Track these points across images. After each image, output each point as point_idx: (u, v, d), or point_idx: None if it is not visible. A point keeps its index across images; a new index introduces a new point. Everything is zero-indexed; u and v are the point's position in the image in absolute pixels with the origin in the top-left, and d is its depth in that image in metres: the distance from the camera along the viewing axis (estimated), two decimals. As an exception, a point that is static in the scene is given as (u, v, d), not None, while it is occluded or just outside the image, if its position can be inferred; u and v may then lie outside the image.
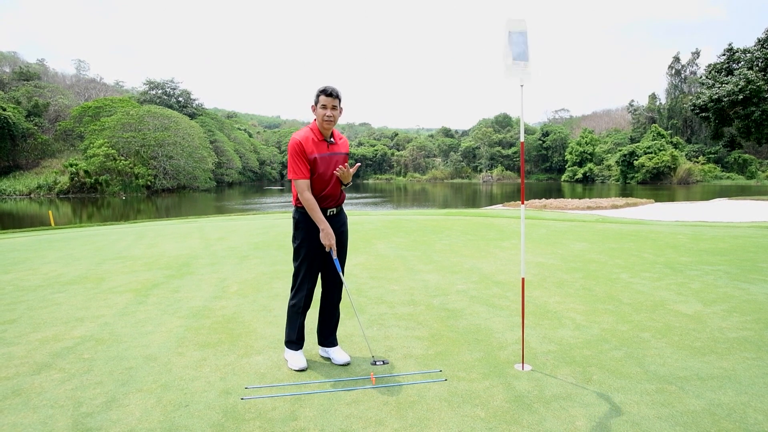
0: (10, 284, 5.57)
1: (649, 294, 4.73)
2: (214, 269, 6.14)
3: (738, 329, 3.73)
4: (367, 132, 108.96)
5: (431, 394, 2.76)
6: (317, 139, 3.08)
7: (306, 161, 3.03)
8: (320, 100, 3.04)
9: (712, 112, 30.98)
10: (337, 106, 3.07)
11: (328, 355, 3.31)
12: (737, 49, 31.67)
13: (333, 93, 3.03)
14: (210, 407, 2.64)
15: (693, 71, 67.80)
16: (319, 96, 3.04)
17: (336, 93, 3.05)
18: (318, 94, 3.06)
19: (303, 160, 3.02)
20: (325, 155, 3.09)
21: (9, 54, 68.07)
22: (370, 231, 9.37)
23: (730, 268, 5.78)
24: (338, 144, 3.20)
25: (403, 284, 5.24)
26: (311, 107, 3.12)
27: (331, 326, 3.35)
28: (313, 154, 3.04)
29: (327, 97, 3.02)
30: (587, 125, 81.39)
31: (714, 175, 56.39)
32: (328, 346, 3.32)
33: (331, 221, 3.14)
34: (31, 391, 2.86)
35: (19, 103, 51.28)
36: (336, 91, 3.05)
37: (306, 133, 3.10)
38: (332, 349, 3.31)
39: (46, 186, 43.60)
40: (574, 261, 6.35)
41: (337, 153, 3.15)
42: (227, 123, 72.41)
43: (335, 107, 3.05)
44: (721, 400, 2.65)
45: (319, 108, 3.05)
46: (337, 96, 3.05)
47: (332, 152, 3.12)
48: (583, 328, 3.82)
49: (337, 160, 3.15)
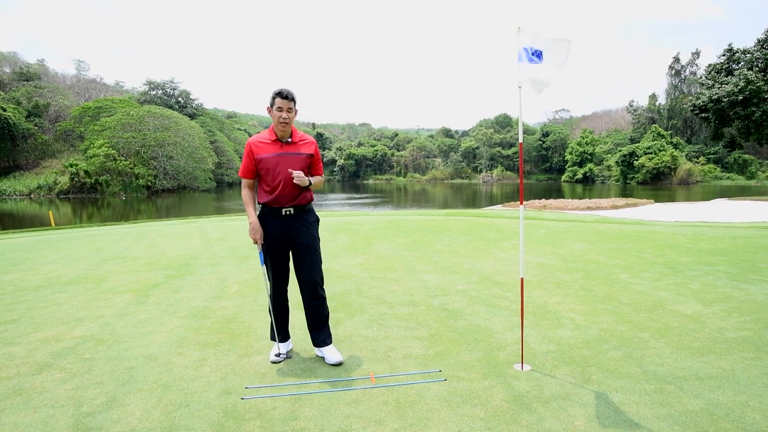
0: (11, 284, 5.58)
1: (649, 294, 4.74)
2: (215, 269, 6.15)
3: (737, 329, 3.74)
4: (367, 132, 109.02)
5: (431, 394, 2.77)
6: (270, 140, 3.21)
7: (251, 161, 3.21)
8: (275, 103, 3.14)
9: (712, 113, 30.99)
10: (292, 108, 3.18)
11: (322, 354, 3.32)
12: (737, 49, 31.68)
13: (288, 95, 3.14)
14: (210, 407, 2.65)
15: (693, 71, 67.87)
16: (275, 98, 3.14)
17: (291, 95, 3.16)
18: (273, 96, 3.15)
19: (248, 160, 3.22)
20: (274, 155, 3.18)
21: (9, 54, 68.12)
22: (370, 231, 9.38)
23: (729, 269, 5.79)
24: (297, 144, 3.26)
25: (403, 284, 5.25)
26: (267, 108, 3.23)
27: (315, 325, 3.34)
28: (259, 155, 3.19)
29: (282, 100, 3.13)
30: (587, 125, 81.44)
31: (714, 175, 56.42)
32: (320, 346, 3.32)
33: (287, 220, 3.24)
34: (32, 390, 2.87)
35: (20, 103, 51.30)
36: (291, 94, 3.16)
37: (260, 135, 3.28)
38: (324, 348, 3.31)
39: (46, 186, 43.62)
40: (574, 261, 6.36)
41: (292, 153, 3.21)
42: (227, 123, 72.45)
43: (290, 109, 3.16)
44: (720, 400, 2.65)
45: (275, 110, 3.15)
46: (291, 98, 3.16)
47: (285, 152, 3.19)
48: (582, 328, 3.82)
49: (293, 160, 3.20)
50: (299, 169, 3.21)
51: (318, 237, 3.37)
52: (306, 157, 3.27)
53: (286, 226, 3.23)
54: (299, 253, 3.28)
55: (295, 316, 3.76)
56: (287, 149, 3.21)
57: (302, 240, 3.26)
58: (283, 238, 3.24)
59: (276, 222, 3.22)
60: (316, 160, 3.36)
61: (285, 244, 3.27)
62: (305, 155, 3.26)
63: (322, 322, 3.34)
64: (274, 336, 3.38)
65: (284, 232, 3.24)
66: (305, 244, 3.26)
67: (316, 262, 3.30)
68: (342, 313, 4.26)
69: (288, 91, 3.16)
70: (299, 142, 3.27)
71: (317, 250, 3.33)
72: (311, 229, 3.32)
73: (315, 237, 3.33)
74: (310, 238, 3.29)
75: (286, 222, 3.23)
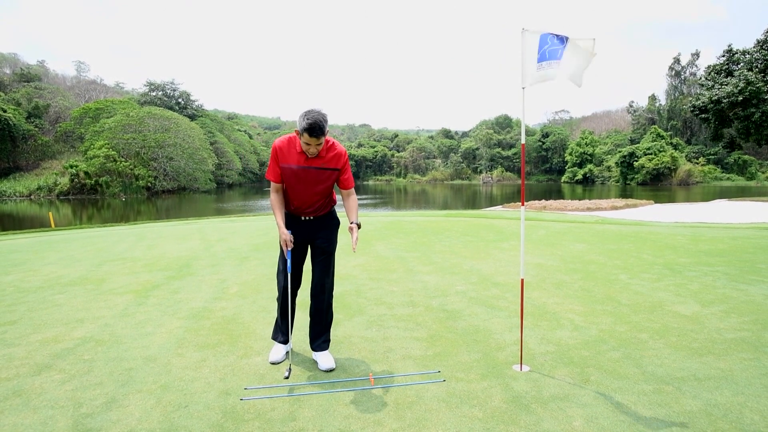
0: (11, 285, 5.59)
1: (648, 295, 4.75)
2: (214, 270, 6.16)
3: (736, 330, 3.74)
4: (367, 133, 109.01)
5: (429, 395, 2.78)
6: (297, 150, 3.03)
7: (277, 166, 3.07)
8: (304, 138, 2.90)
9: (711, 114, 31.01)
10: (322, 143, 2.95)
11: (316, 358, 3.29)
12: (737, 50, 31.70)
13: (318, 134, 2.85)
14: (209, 408, 2.65)
15: (693, 72, 67.89)
16: (303, 133, 2.88)
17: (321, 132, 2.86)
18: (303, 129, 2.85)
19: (275, 164, 3.08)
20: (298, 168, 3.03)
21: (9, 55, 68.22)
22: (369, 232, 9.39)
23: (728, 269, 5.79)
24: (323, 158, 3.05)
25: (402, 285, 5.26)
26: (295, 131, 3.00)
27: (315, 329, 3.33)
28: (285, 163, 3.04)
29: (311, 137, 2.87)
30: (587, 126, 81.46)
31: (714, 176, 56.41)
32: (315, 350, 3.31)
33: (305, 225, 3.22)
34: (32, 391, 2.87)
35: (20, 104, 51.33)
36: (322, 131, 2.85)
37: (287, 140, 3.08)
38: (319, 353, 3.29)
39: (46, 187, 43.60)
40: (573, 262, 6.37)
41: (318, 168, 3.04)
42: (227, 124, 72.44)
43: (320, 144, 2.94)
44: (718, 401, 2.66)
45: (303, 142, 2.94)
46: (323, 134, 2.88)
47: (309, 166, 3.03)
48: (581, 329, 3.83)
49: (319, 175, 3.06)
50: (325, 184, 3.09)
51: (336, 241, 3.35)
52: (333, 171, 3.10)
53: (306, 231, 3.23)
54: (315, 255, 3.29)
55: (296, 316, 3.75)
56: (312, 163, 3.03)
57: (319, 243, 3.26)
58: (303, 240, 3.25)
59: (295, 227, 3.21)
60: (345, 172, 3.16)
61: (304, 245, 3.29)
62: (332, 170, 3.09)
63: (322, 328, 3.33)
64: (277, 336, 3.38)
65: (304, 235, 3.24)
66: (321, 248, 3.26)
67: (329, 267, 3.30)
68: (341, 314, 4.27)
69: (319, 128, 2.83)
70: (326, 155, 3.06)
71: (332, 255, 3.32)
72: (330, 234, 3.30)
73: (332, 241, 3.32)
74: (327, 242, 3.27)
75: (305, 227, 3.22)
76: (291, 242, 3.11)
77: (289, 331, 3.39)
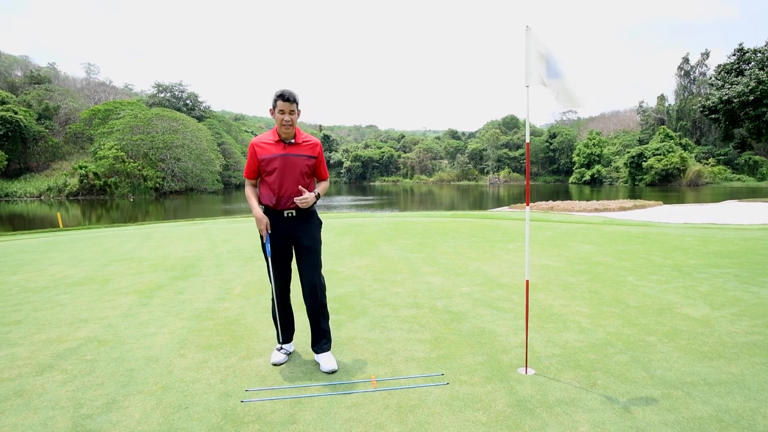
0: (17, 285, 5.61)
1: (657, 297, 4.67)
2: (219, 271, 6.15)
3: (747, 333, 3.66)
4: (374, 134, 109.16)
5: (432, 398, 2.73)
6: (273, 141, 3.19)
7: (255, 162, 3.20)
8: (277, 105, 3.10)
9: (722, 114, 30.68)
10: (295, 110, 3.13)
11: (317, 360, 3.25)
12: (747, 49, 31.34)
13: (290, 98, 3.09)
14: (209, 410, 2.63)
15: (702, 72, 67.29)
16: (276, 101, 3.10)
17: (293, 97, 3.11)
18: (275, 98, 3.11)
19: (251, 160, 3.22)
20: (276, 156, 3.15)
21: (21, 58, 69.12)
22: (374, 233, 9.35)
23: (739, 271, 5.69)
24: (301, 145, 3.22)
25: (406, 286, 5.21)
26: (269, 110, 3.19)
27: (314, 330, 3.30)
28: (262, 155, 3.17)
29: (284, 102, 3.09)
30: (595, 127, 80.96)
31: (724, 176, 55.81)
32: (316, 352, 3.27)
33: (289, 222, 3.21)
34: (33, 392, 2.87)
35: (30, 106, 51.98)
36: (293, 95, 3.11)
37: (264, 135, 3.26)
38: (320, 354, 3.25)
39: (56, 188, 44.08)
40: (580, 263, 6.29)
41: (295, 155, 3.18)
42: (235, 125, 72.91)
43: (293, 111, 3.12)
44: (729, 406, 2.59)
45: (277, 113, 3.12)
46: (294, 100, 3.11)
47: (288, 153, 3.17)
48: (588, 331, 3.76)
49: (296, 162, 3.18)
50: (303, 171, 3.19)
51: (320, 239, 3.34)
52: (309, 159, 3.23)
53: (288, 228, 3.21)
54: (300, 255, 3.26)
55: (297, 318, 3.73)
56: (290, 150, 3.18)
57: (303, 242, 3.23)
58: (286, 239, 3.23)
59: (278, 224, 3.20)
60: (320, 162, 3.32)
61: (288, 245, 3.26)
62: (308, 157, 3.22)
63: (320, 328, 3.29)
64: (279, 337, 3.37)
65: (287, 233, 3.22)
66: (306, 246, 3.24)
67: (317, 265, 3.27)
68: (345, 315, 4.23)
69: (290, 93, 3.11)
70: (303, 143, 3.22)
71: (318, 252, 3.29)
72: (313, 231, 3.29)
73: (317, 239, 3.30)
74: (312, 240, 3.26)
75: (288, 224, 3.21)
76: (268, 225, 3.19)
77: (288, 332, 3.36)
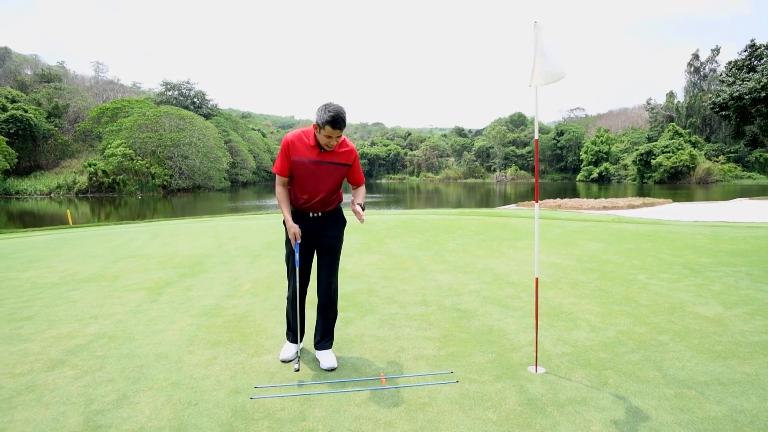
0: (28, 282, 5.67)
1: (668, 296, 4.62)
2: (227, 268, 6.17)
3: (761, 332, 3.60)
4: (381, 132, 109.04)
5: (442, 396, 2.72)
6: (310, 144, 3.05)
7: (287, 160, 3.07)
8: (325, 131, 2.91)
9: (732, 110, 30.32)
10: (341, 136, 3.01)
11: (318, 357, 3.25)
12: (760, 45, 30.92)
13: (341, 126, 2.91)
14: (219, 406, 2.63)
15: (713, 69, 66.47)
16: (325, 126, 2.89)
17: (343, 124, 2.91)
18: (325, 121, 2.88)
19: (284, 158, 3.08)
20: (310, 161, 3.04)
21: (30, 57, 69.83)
22: (382, 230, 9.34)
23: (752, 270, 5.61)
24: (337, 153, 3.09)
25: (415, 284, 5.20)
26: (314, 125, 3.02)
27: (319, 327, 3.30)
28: (295, 156, 3.05)
29: (333, 129, 2.90)
30: (603, 124, 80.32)
31: (734, 174, 55.18)
32: (318, 349, 3.27)
33: (314, 222, 3.19)
34: (45, 387, 2.89)
35: (40, 104, 52.48)
36: (344, 122, 2.91)
37: (300, 134, 3.09)
38: (320, 352, 3.25)
39: (65, 186, 44.53)
40: (590, 261, 6.24)
41: (329, 162, 3.07)
42: (242, 123, 73.15)
43: (339, 136, 3.00)
44: (744, 407, 2.55)
45: (323, 135, 2.95)
46: (343, 126, 2.93)
47: (322, 160, 3.05)
48: (598, 330, 3.73)
49: (330, 170, 3.08)
50: (335, 179, 3.12)
51: (342, 238, 3.33)
52: (344, 166, 3.13)
53: (313, 227, 3.20)
54: (321, 253, 3.26)
55: (306, 317, 3.72)
56: (325, 157, 3.05)
57: (326, 241, 3.23)
58: (311, 238, 3.22)
59: (303, 224, 3.18)
60: (356, 169, 3.22)
61: (311, 244, 3.25)
62: (343, 165, 3.12)
63: (326, 326, 3.30)
64: (288, 334, 3.37)
65: (311, 232, 3.20)
66: (328, 245, 3.23)
67: (335, 265, 3.28)
68: (353, 313, 4.23)
69: (342, 120, 2.89)
70: (339, 150, 3.09)
71: (339, 252, 3.30)
72: (337, 231, 3.28)
73: (339, 238, 3.30)
74: (335, 240, 3.26)
75: (313, 223, 3.20)
76: (299, 235, 3.11)
77: (299, 330, 3.37)
